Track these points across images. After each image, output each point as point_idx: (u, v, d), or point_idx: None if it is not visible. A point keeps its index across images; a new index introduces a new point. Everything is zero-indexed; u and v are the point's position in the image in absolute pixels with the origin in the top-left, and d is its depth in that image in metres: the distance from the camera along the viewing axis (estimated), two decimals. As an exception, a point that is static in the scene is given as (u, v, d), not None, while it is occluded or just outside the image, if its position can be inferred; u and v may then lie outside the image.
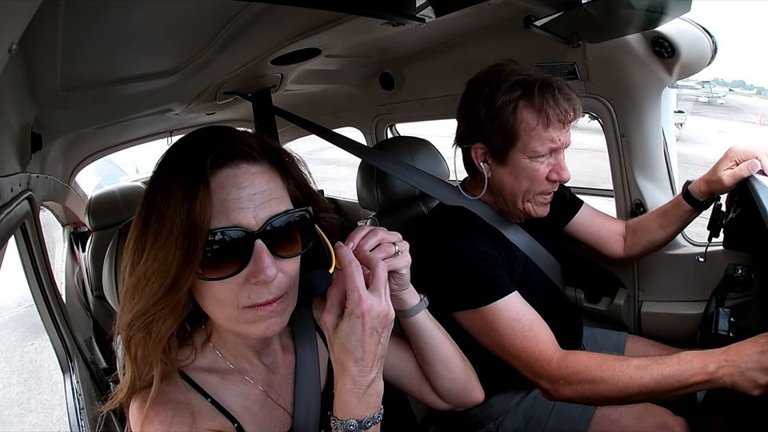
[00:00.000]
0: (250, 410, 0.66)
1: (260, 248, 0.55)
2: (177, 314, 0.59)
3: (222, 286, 0.56)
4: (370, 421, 0.56)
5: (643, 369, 0.86)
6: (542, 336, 0.98)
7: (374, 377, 0.57)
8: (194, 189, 0.53)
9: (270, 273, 0.55)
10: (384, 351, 0.57)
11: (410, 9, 0.98)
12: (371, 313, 0.54)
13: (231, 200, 0.55)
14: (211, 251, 0.54)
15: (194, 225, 0.53)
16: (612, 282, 1.54)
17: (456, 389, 0.80)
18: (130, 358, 0.60)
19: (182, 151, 0.59)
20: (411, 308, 0.73)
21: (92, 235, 2.28)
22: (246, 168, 0.58)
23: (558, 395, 0.95)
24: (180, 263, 0.53)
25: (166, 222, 0.53)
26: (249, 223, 0.55)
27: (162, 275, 0.54)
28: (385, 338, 0.56)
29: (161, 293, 0.55)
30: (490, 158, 1.06)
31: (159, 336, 0.58)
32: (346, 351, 0.55)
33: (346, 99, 2.23)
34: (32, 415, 2.92)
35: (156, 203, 0.55)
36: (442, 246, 1.08)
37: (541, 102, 0.97)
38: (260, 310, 0.57)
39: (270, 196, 0.58)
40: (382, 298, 0.56)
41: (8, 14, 0.41)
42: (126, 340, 0.60)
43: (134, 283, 0.56)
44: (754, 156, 1.03)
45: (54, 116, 1.23)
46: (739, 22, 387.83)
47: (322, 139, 1.62)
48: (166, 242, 0.53)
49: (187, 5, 0.79)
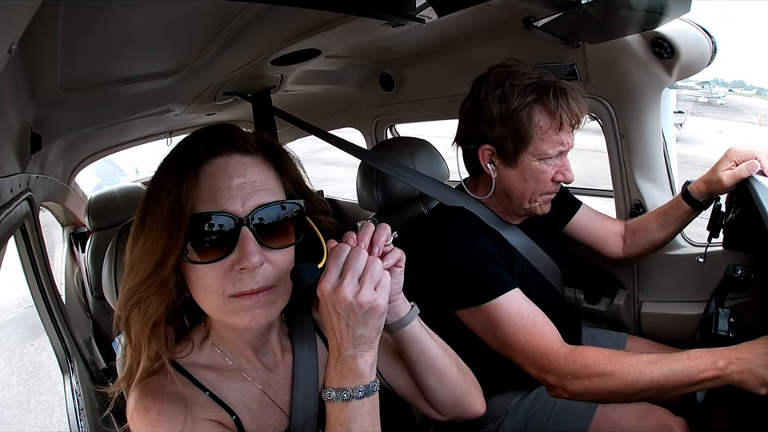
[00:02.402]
0: (248, 407, 0.66)
1: (245, 234, 0.57)
2: (164, 294, 0.60)
3: (208, 272, 0.58)
4: (347, 393, 0.57)
5: (653, 364, 0.85)
6: (547, 331, 0.98)
7: (350, 354, 0.58)
8: (182, 174, 0.57)
9: (254, 260, 0.56)
10: (357, 333, 0.56)
11: (409, 9, 0.98)
12: (325, 293, 0.55)
13: (221, 188, 0.57)
14: (198, 235, 0.56)
15: (179, 207, 0.55)
16: (612, 282, 1.54)
17: (450, 401, 0.77)
18: (128, 340, 0.62)
19: (182, 144, 0.62)
20: (403, 317, 0.71)
21: (92, 236, 2.28)
22: (238, 158, 0.60)
23: (565, 391, 0.94)
24: (165, 243, 0.56)
25: (158, 205, 0.57)
26: (236, 210, 0.57)
27: (151, 254, 0.57)
28: (354, 321, 0.56)
29: (148, 271, 0.57)
30: (497, 159, 1.07)
31: (149, 314, 0.60)
32: (325, 327, 0.59)
33: (346, 100, 2.23)
34: (32, 416, 2.92)
35: (153, 189, 0.59)
36: (443, 245, 1.08)
37: (555, 106, 0.98)
38: (245, 299, 0.58)
39: (261, 186, 0.60)
40: (345, 281, 0.55)
41: (8, 14, 0.41)
42: (124, 320, 0.62)
43: (131, 262, 0.60)
44: (754, 156, 1.03)
45: (54, 116, 1.23)
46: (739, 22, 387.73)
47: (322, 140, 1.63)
48: (156, 223, 0.57)
49: (187, 5, 0.79)
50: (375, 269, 0.56)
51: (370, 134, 2.37)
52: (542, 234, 1.20)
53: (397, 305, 0.70)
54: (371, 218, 1.45)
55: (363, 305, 0.55)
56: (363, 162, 1.48)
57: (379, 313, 0.57)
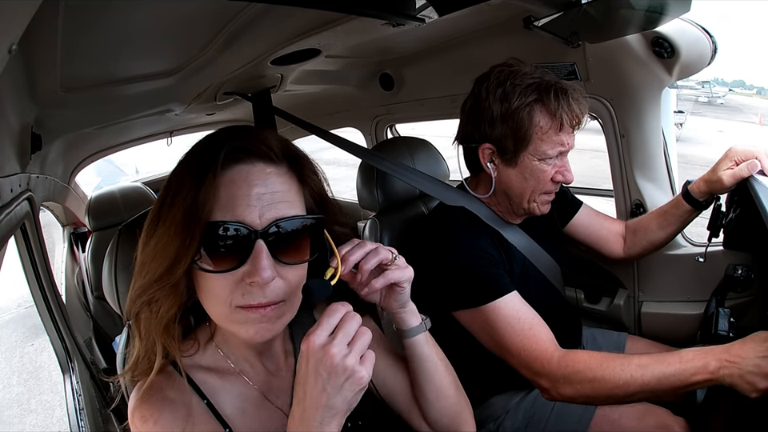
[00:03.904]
0: (246, 412, 0.66)
1: (259, 248, 0.55)
2: (175, 297, 0.59)
3: (217, 281, 0.56)
4: None
5: (644, 367, 0.86)
6: (542, 335, 0.98)
7: (315, 424, 0.51)
8: (202, 179, 0.55)
9: (266, 275, 0.54)
10: (330, 401, 0.51)
11: (409, 9, 0.98)
12: (313, 349, 0.50)
13: (240, 196, 0.56)
14: (212, 243, 0.54)
15: (194, 213, 0.54)
16: (612, 282, 1.54)
17: (445, 419, 0.76)
18: (138, 332, 0.62)
19: (205, 143, 0.61)
20: (409, 329, 0.71)
21: (92, 236, 2.28)
22: (262, 167, 0.58)
23: (558, 394, 0.95)
24: (177, 247, 0.55)
25: (173, 207, 0.56)
26: (253, 221, 0.55)
27: (163, 255, 0.56)
28: (333, 387, 0.51)
29: (159, 273, 0.56)
30: (497, 158, 1.07)
31: (160, 315, 0.60)
32: (295, 386, 0.54)
33: (346, 100, 2.23)
34: (32, 416, 2.92)
35: (170, 188, 0.58)
36: (443, 246, 1.08)
37: (556, 106, 0.98)
38: (252, 312, 0.56)
39: (281, 198, 0.58)
40: (336, 340, 0.51)
41: (8, 14, 0.41)
42: (134, 314, 0.61)
43: (142, 260, 0.59)
44: (754, 156, 1.03)
45: (54, 116, 1.23)
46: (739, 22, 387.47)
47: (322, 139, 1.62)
48: (171, 225, 0.55)
49: (187, 5, 0.79)
50: (365, 339, 0.53)
51: (370, 134, 2.37)
52: (542, 234, 1.20)
53: (401, 318, 0.71)
54: (371, 218, 1.45)
55: (347, 369, 0.51)
56: (363, 161, 1.48)
57: (359, 386, 0.52)
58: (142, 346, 0.62)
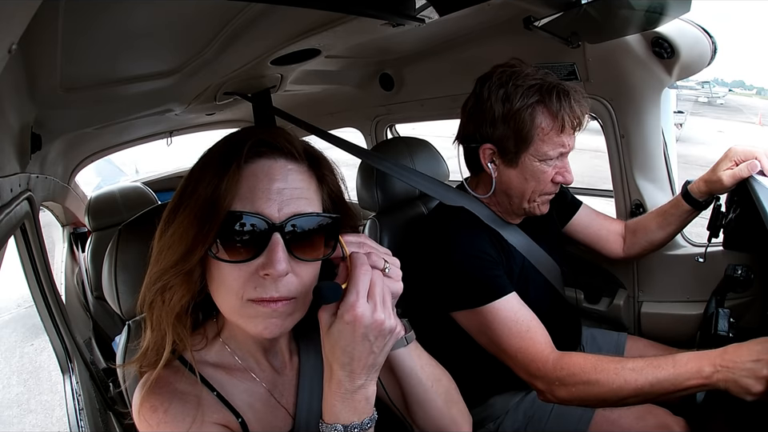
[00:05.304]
0: (254, 408, 0.66)
1: (276, 240, 0.55)
2: (189, 285, 0.60)
3: (231, 271, 0.57)
4: (357, 427, 0.55)
5: (638, 371, 0.86)
6: (539, 337, 0.98)
7: (361, 383, 0.55)
8: (225, 169, 0.56)
9: (281, 267, 0.54)
10: (377, 360, 0.55)
11: (409, 9, 0.98)
12: (363, 320, 0.52)
13: (260, 189, 0.57)
14: (229, 232, 0.55)
15: (215, 202, 0.55)
16: (612, 282, 1.54)
17: (432, 429, 0.74)
18: (149, 322, 0.62)
19: (229, 138, 0.62)
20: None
21: (92, 236, 2.28)
22: (283, 163, 0.59)
23: (553, 396, 0.95)
24: (195, 235, 0.55)
25: (194, 195, 0.57)
26: (271, 214, 0.56)
27: (181, 242, 0.57)
28: (379, 347, 0.55)
29: (175, 259, 0.57)
30: (498, 159, 1.07)
31: (173, 304, 0.60)
32: (334, 354, 0.55)
33: (346, 100, 2.23)
34: (32, 416, 2.92)
35: (192, 178, 0.59)
36: (442, 247, 1.08)
37: (558, 108, 0.99)
38: (263, 306, 0.57)
39: (300, 195, 0.59)
40: (377, 305, 0.54)
41: (8, 14, 0.41)
42: (148, 303, 0.62)
43: (159, 248, 0.60)
44: (754, 156, 1.03)
45: (54, 116, 1.23)
46: (739, 22, 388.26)
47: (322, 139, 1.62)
48: (190, 212, 0.56)
49: (187, 5, 0.79)
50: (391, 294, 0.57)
51: (370, 134, 2.37)
52: (542, 234, 1.20)
53: None
54: (371, 218, 1.45)
55: (392, 330, 0.55)
56: (363, 161, 1.48)
57: (397, 337, 0.57)
58: (152, 336, 0.62)
